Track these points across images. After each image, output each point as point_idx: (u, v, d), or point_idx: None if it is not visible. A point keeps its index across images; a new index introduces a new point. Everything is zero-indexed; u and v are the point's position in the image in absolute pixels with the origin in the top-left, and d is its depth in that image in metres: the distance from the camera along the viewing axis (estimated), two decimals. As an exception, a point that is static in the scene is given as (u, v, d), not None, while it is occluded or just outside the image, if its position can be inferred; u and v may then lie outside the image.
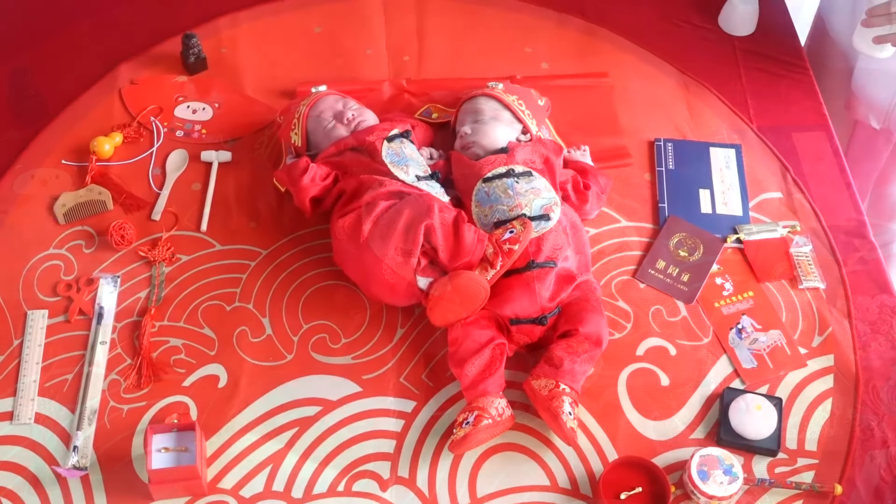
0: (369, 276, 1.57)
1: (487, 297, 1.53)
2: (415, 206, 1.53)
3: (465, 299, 1.52)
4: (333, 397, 1.54)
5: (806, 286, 1.67)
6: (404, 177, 1.63)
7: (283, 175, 1.70)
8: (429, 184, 1.64)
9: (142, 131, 1.85)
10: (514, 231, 1.53)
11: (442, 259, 1.53)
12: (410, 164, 1.66)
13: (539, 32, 2.04)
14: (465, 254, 1.52)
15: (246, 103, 1.90)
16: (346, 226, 1.57)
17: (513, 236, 1.52)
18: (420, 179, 1.64)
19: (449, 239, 1.52)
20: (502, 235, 1.54)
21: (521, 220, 1.55)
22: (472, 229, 1.54)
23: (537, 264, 1.55)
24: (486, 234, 1.55)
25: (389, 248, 1.51)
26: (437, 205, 1.53)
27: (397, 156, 1.66)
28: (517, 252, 1.52)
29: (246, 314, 1.62)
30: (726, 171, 1.82)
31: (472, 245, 1.52)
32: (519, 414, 1.51)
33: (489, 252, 1.53)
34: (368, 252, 1.54)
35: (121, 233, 1.67)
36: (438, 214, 1.52)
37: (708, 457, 1.43)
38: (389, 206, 1.57)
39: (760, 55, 2.02)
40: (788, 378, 1.57)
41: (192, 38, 1.90)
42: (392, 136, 1.69)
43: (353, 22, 2.04)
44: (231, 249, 1.69)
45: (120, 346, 1.58)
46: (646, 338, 1.61)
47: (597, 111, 1.91)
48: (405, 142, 1.70)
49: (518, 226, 1.54)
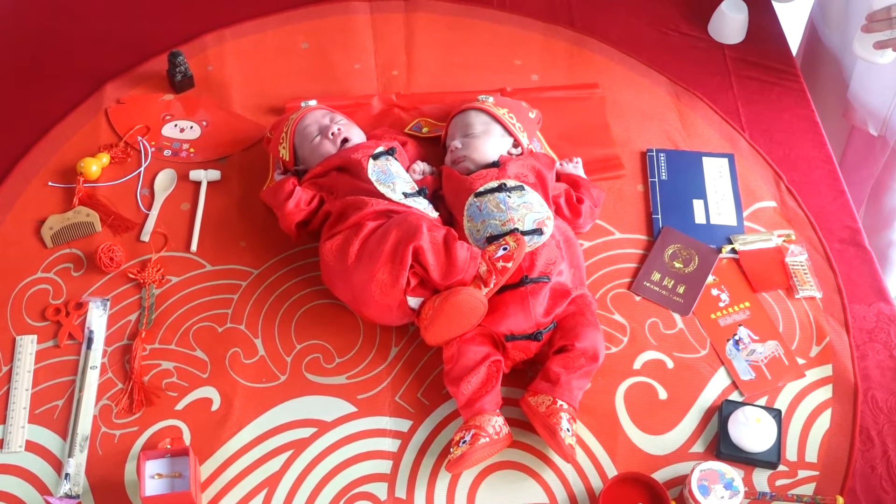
0: (360, 298, 1.57)
1: (485, 313, 1.54)
2: (402, 227, 1.53)
3: (462, 316, 1.52)
4: (328, 418, 1.54)
5: (802, 295, 1.68)
6: (391, 194, 1.63)
7: (269, 197, 1.71)
8: (416, 200, 1.65)
9: (129, 151, 1.85)
10: (508, 248, 1.53)
11: (434, 278, 1.53)
12: (397, 182, 1.66)
13: (528, 44, 2.05)
14: (458, 272, 1.52)
15: (234, 121, 1.91)
16: (334, 248, 1.58)
17: (506, 253, 1.53)
18: (407, 196, 1.64)
19: (440, 258, 1.53)
20: (496, 252, 1.54)
21: (514, 235, 1.56)
22: (465, 247, 1.54)
23: (531, 279, 1.55)
24: (479, 251, 1.55)
25: (377, 271, 1.52)
26: (426, 224, 1.53)
27: (384, 173, 1.66)
28: (511, 269, 1.52)
29: (238, 335, 1.62)
30: (719, 181, 1.83)
31: (464, 263, 1.52)
32: (516, 431, 1.51)
33: (482, 270, 1.53)
34: (357, 274, 1.55)
35: (109, 255, 1.67)
36: (427, 234, 1.52)
37: (708, 471, 1.44)
38: (377, 226, 1.57)
39: (751, 63, 2.04)
40: (787, 389, 1.58)
41: (179, 56, 1.90)
42: (377, 154, 1.70)
43: (341, 37, 2.05)
44: (222, 270, 1.69)
45: (111, 370, 1.58)
46: (643, 351, 1.62)
47: (588, 122, 1.92)
48: (390, 159, 1.71)
49: (511, 242, 1.54)
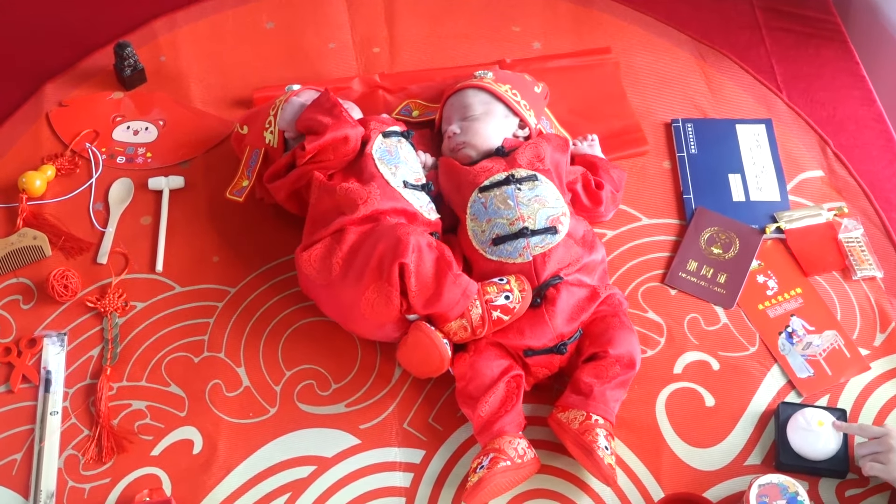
0: (348, 315, 1.57)
1: (446, 367, 1.52)
2: (387, 240, 1.51)
3: (419, 362, 1.52)
4: (329, 453, 1.53)
5: (861, 276, 1.68)
6: (390, 177, 1.62)
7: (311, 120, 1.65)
8: (416, 194, 1.64)
9: (77, 161, 1.84)
10: (511, 298, 1.50)
11: (414, 304, 1.50)
12: (401, 167, 1.65)
13: (527, 7, 2.05)
14: (442, 307, 1.50)
15: (195, 118, 1.89)
16: (314, 259, 1.57)
17: (507, 304, 1.49)
18: (407, 186, 1.63)
19: (425, 285, 1.50)
20: (496, 297, 1.50)
21: (521, 281, 1.52)
22: (460, 281, 1.50)
23: (544, 285, 1.54)
24: (475, 287, 1.51)
25: (366, 288, 1.51)
26: (415, 240, 1.50)
27: (389, 153, 1.66)
28: (506, 323, 1.51)
29: (218, 365, 1.61)
30: (757, 151, 1.83)
31: (452, 302, 1.49)
32: (545, 454, 1.51)
33: (474, 314, 1.50)
34: (344, 290, 1.54)
35: (63, 282, 1.66)
36: (414, 253, 1.49)
37: (768, 486, 1.43)
38: (362, 235, 1.55)
39: (783, 13, 2.04)
40: (851, 385, 1.58)
41: (127, 48, 1.89)
42: (389, 132, 1.69)
43: (311, 13, 2.04)
44: (193, 290, 1.69)
45: (74, 415, 1.57)
46: (683, 352, 1.61)
47: (602, 93, 1.91)
48: (403, 142, 1.70)
49: (516, 289, 1.51)
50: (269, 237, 1.72)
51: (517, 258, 1.56)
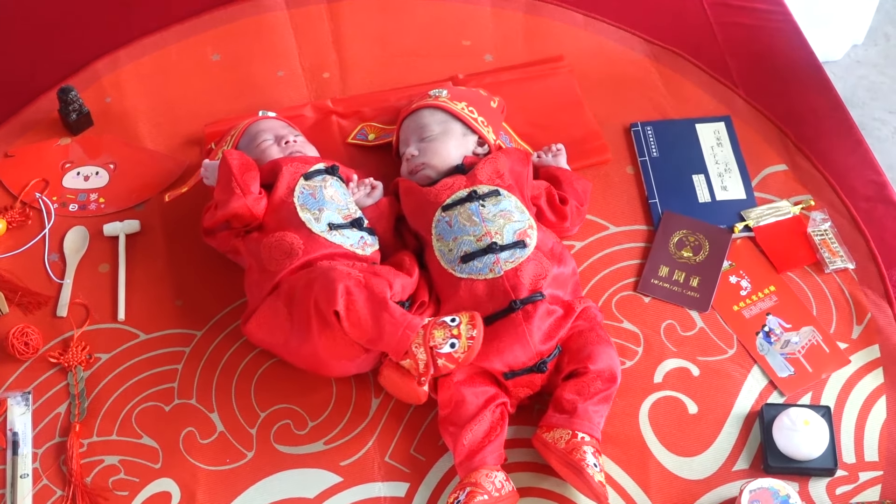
0: (316, 363, 1.56)
1: (424, 399, 1.51)
2: (317, 288, 1.48)
3: (398, 395, 1.54)
4: (311, 494, 1.51)
5: (833, 269, 1.68)
6: (313, 224, 1.59)
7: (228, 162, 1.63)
8: (344, 234, 1.60)
9: (28, 212, 1.81)
10: (456, 346, 1.46)
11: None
12: (325, 209, 1.62)
13: (476, 20, 2.04)
14: (386, 346, 1.47)
15: (146, 158, 1.87)
16: (262, 325, 1.55)
17: (452, 353, 1.45)
18: (332, 229, 1.60)
19: (364, 328, 1.46)
20: (441, 345, 1.46)
21: (472, 323, 1.48)
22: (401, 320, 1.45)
23: (522, 301, 1.53)
24: (418, 322, 1.47)
25: (319, 337, 1.49)
26: (341, 287, 1.45)
27: (312, 197, 1.63)
28: (451, 370, 1.48)
29: (190, 412, 1.59)
30: (719, 150, 1.83)
31: (393, 339, 1.46)
32: (530, 477, 1.50)
33: (420, 358, 1.47)
34: (298, 343, 1.53)
35: (23, 339, 1.63)
36: (342, 298, 1.45)
37: (759, 491, 1.43)
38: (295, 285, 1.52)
39: (732, 7, 2.05)
40: (832, 380, 1.58)
41: (70, 92, 1.86)
42: (311, 173, 1.67)
43: (256, 42, 2.02)
44: (158, 337, 1.66)
45: (45, 476, 1.54)
46: (662, 360, 1.61)
47: (559, 103, 1.91)
48: (329, 179, 1.67)
49: (464, 333, 1.47)
50: (232, 276, 1.70)
51: (488, 274, 1.55)
